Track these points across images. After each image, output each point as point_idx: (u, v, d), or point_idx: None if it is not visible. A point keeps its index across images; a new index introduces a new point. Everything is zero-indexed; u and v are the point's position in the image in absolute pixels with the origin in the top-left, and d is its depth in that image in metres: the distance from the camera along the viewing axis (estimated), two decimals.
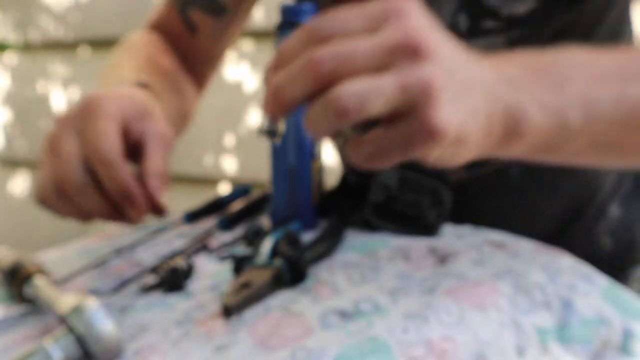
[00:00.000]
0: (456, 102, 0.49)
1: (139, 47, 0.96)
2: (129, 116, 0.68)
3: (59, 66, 2.80)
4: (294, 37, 0.50)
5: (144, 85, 0.79)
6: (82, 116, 0.67)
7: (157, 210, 0.68)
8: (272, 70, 0.51)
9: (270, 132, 0.54)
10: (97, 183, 0.66)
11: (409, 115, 0.48)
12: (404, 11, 0.48)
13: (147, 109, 0.71)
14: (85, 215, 0.68)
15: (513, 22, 0.81)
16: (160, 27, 0.99)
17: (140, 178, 0.67)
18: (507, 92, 0.53)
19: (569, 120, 0.56)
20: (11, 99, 2.98)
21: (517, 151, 0.57)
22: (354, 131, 0.68)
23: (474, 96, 0.51)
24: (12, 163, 3.03)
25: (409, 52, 0.47)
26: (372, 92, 0.46)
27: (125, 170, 0.65)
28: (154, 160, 0.68)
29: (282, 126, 0.54)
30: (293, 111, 0.50)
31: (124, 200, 0.65)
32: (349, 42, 0.47)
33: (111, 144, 0.65)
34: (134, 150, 0.69)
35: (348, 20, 0.48)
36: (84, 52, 2.80)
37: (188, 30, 0.97)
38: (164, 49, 0.96)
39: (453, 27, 0.81)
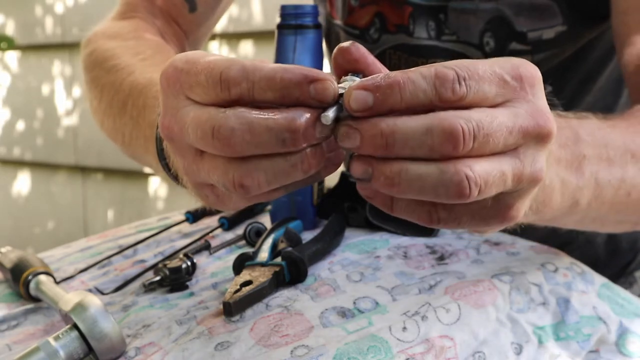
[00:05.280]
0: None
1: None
2: None
3: (59, 66, 2.80)
4: (420, 76, 0.42)
5: None
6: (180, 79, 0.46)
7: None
8: (375, 91, 0.42)
9: None
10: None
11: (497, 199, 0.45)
12: (535, 84, 0.45)
13: None
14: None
15: (540, 45, 0.81)
16: (160, 8, 0.98)
17: None
18: (548, 169, 0.51)
19: (580, 202, 0.57)
20: (12, 99, 2.98)
21: (527, 221, 0.56)
22: None
23: None
24: (13, 163, 3.03)
25: (538, 139, 0.44)
26: (496, 180, 0.42)
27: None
28: None
29: None
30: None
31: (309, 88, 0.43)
32: (488, 117, 0.42)
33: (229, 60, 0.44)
34: None
35: (483, 79, 0.43)
36: None
37: (189, 9, 0.97)
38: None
39: (480, 47, 0.82)
